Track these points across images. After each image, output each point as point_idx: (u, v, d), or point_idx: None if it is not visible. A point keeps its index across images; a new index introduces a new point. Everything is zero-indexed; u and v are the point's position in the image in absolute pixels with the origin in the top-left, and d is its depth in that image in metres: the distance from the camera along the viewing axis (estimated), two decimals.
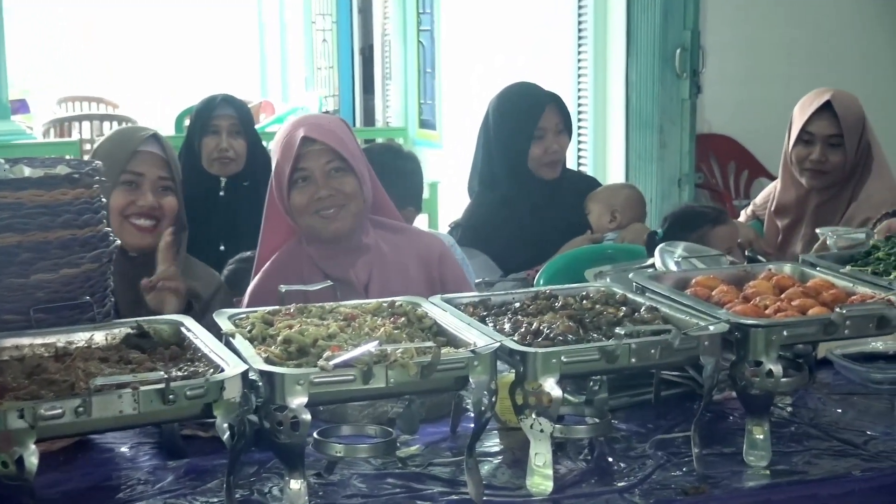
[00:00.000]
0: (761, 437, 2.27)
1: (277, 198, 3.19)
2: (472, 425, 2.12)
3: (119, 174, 3.28)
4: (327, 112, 11.37)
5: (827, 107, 4.02)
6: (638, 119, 7.18)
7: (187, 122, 5.07)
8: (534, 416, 2.09)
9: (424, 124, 10.63)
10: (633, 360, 2.13)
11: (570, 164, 7.19)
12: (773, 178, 4.35)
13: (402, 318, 2.31)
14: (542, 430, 2.09)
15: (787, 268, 2.69)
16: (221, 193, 4.67)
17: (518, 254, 4.24)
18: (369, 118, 12.25)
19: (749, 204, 4.61)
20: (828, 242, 2.88)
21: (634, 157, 7.25)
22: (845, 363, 2.79)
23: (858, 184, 4.03)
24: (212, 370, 2.01)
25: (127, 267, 3.15)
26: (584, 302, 2.46)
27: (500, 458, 2.35)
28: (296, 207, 3.16)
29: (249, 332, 2.22)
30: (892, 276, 2.56)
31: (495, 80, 5.44)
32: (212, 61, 16.30)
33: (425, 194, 9.13)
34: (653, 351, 2.14)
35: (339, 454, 2.17)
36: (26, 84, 15.74)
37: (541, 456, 2.11)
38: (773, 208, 4.21)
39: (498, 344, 2.10)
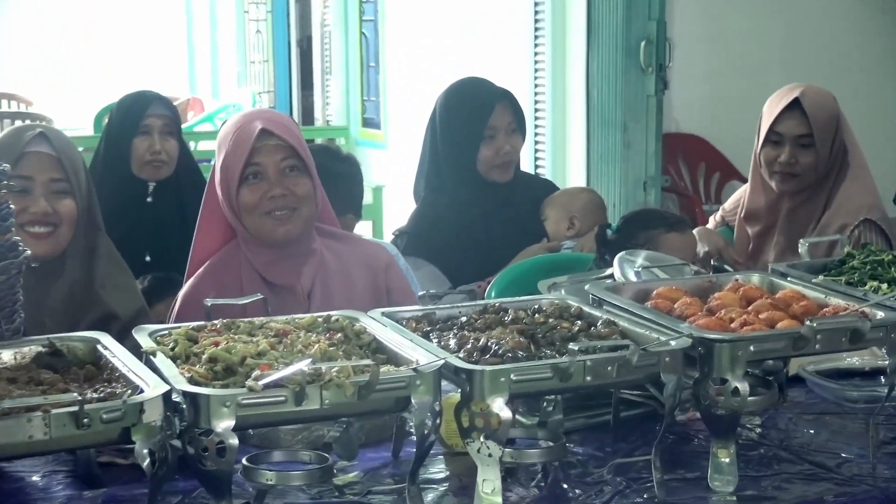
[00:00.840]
0: (727, 460, 2.29)
1: (223, 194, 3.20)
2: (415, 450, 2.14)
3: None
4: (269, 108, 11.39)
5: (796, 104, 4.06)
6: (600, 117, 7.22)
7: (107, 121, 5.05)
8: (481, 439, 2.10)
9: (368, 123, 10.65)
10: (589, 378, 2.15)
11: (527, 166, 7.23)
12: (745, 181, 4.39)
13: (339, 334, 2.32)
14: (490, 455, 2.10)
15: (756, 278, 2.72)
16: (149, 199, 4.66)
17: (468, 264, 4.25)
18: (308, 116, 12.25)
19: (718, 209, 4.65)
20: (800, 251, 2.92)
21: (596, 159, 7.29)
22: (818, 380, 2.83)
23: (834, 187, 4.08)
24: (130, 391, 2.01)
25: (31, 280, 3.13)
26: (537, 316, 2.48)
27: (445, 485, 2.37)
28: (245, 205, 3.18)
29: (172, 349, 2.23)
30: (867, 287, 2.60)
31: (444, 75, 5.46)
32: (134, 54, 16.21)
33: (368, 199, 9.18)
34: (610, 368, 2.16)
35: (270, 482, 2.18)
36: None
37: (489, 482, 2.12)
38: (742, 214, 4.25)
39: (442, 361, 2.12)
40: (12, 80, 15.00)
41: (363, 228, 9.05)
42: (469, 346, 2.26)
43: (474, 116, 4.35)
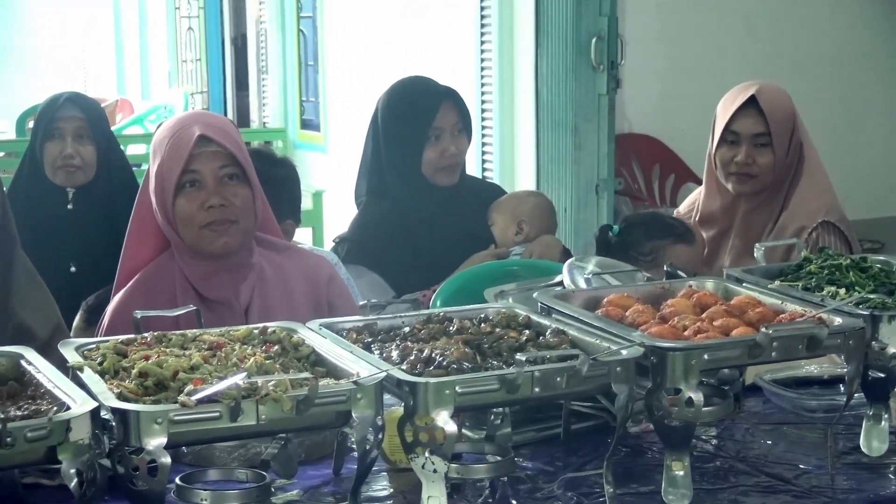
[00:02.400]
0: (681, 473, 2.32)
1: (158, 203, 3.19)
2: (357, 466, 2.15)
3: None
4: (204, 110, 11.35)
5: (752, 103, 4.09)
6: (549, 117, 7.26)
7: (31, 125, 5.02)
8: (426, 454, 2.11)
9: (307, 125, 10.65)
10: (538, 389, 2.16)
11: (474, 169, 7.27)
12: (701, 183, 4.43)
13: (276, 347, 2.33)
14: (435, 471, 2.11)
15: (710, 284, 2.75)
16: (69, 206, 4.64)
17: (412, 272, 4.26)
18: (243, 118, 12.23)
19: (673, 212, 4.69)
20: (756, 255, 2.95)
21: (546, 161, 7.33)
22: (775, 389, 2.86)
23: (790, 188, 4.12)
24: (56, 408, 2.01)
25: None
26: (483, 325, 2.49)
27: (389, 502, 2.38)
28: (181, 216, 3.16)
29: (100, 364, 2.23)
30: (824, 292, 2.63)
31: (387, 74, 5.48)
32: (59, 52, 16.11)
33: (308, 205, 9.20)
34: (559, 379, 2.17)
35: (204, 502, 2.18)
36: None
37: (434, 499, 2.13)
38: (697, 218, 4.29)
39: (384, 374, 2.13)
40: None
41: (303, 235, 9.05)
42: (412, 357, 2.27)
43: (418, 117, 4.35)
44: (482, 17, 7.87)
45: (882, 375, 2.46)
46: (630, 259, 3.68)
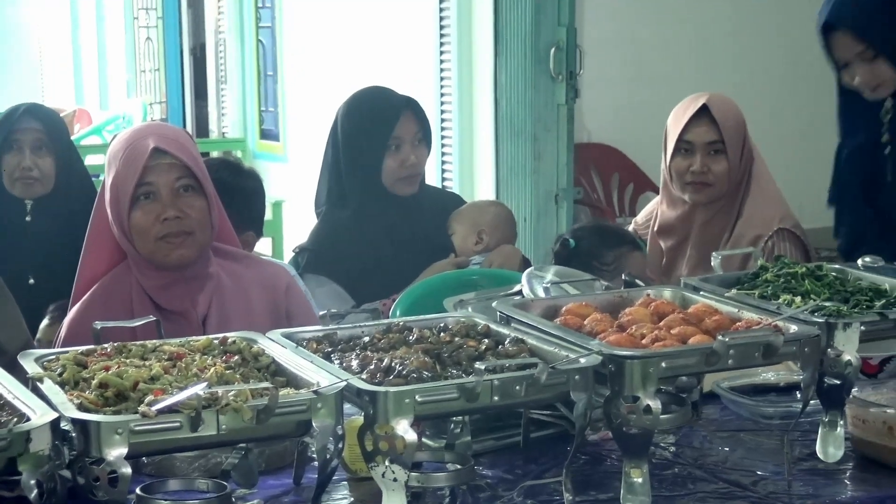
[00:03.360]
0: (640, 480, 2.33)
1: (114, 216, 3.19)
2: (317, 476, 2.16)
3: None
4: (162, 121, 11.32)
5: (704, 112, 4.14)
6: (509, 127, 7.27)
7: None
8: (386, 463, 2.12)
9: (266, 135, 10.63)
10: (497, 398, 2.18)
11: (433, 179, 7.27)
12: (658, 191, 4.46)
13: (236, 357, 2.34)
14: (395, 479, 2.12)
15: (667, 293, 2.77)
16: (28, 218, 4.62)
17: (372, 281, 4.27)
18: (202, 128, 12.21)
19: (631, 223, 4.72)
20: (712, 264, 2.98)
21: (505, 171, 7.34)
22: (733, 397, 2.89)
23: (744, 198, 4.16)
24: (16, 419, 2.01)
25: None
26: (442, 335, 2.51)
27: None
28: (137, 228, 3.16)
29: (60, 375, 2.23)
30: (780, 300, 2.66)
31: (346, 84, 5.48)
32: (17, 62, 16.03)
33: (268, 215, 9.15)
34: (518, 388, 2.19)
35: None
36: None
37: None
38: (655, 228, 4.32)
39: (344, 383, 2.14)
40: None
41: (262, 246, 9.04)
42: (372, 366, 2.28)
43: (378, 126, 4.37)
44: (441, 27, 7.89)
45: (837, 382, 2.48)
46: (592, 269, 3.70)
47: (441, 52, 7.92)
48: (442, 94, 7.91)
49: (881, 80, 4.01)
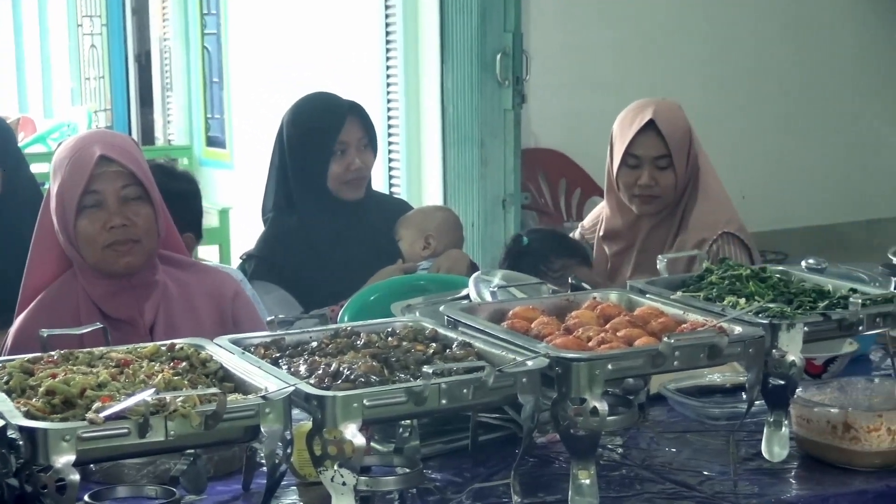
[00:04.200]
0: (587, 481, 2.35)
1: (60, 224, 3.19)
2: (266, 481, 2.17)
3: None
4: (107, 129, 11.25)
5: (650, 125, 4.15)
6: (456, 133, 7.29)
7: None
8: (335, 467, 2.13)
9: (212, 142, 10.61)
10: (444, 401, 2.19)
11: (381, 184, 7.29)
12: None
13: (184, 363, 2.34)
14: (344, 483, 2.13)
15: (614, 296, 2.79)
16: None
17: (319, 287, 4.27)
18: (148, 135, 12.17)
19: (578, 227, 4.74)
20: (658, 267, 3.00)
21: (453, 176, 7.35)
22: (679, 398, 2.92)
23: (689, 203, 4.18)
24: None
25: None
26: (390, 339, 2.52)
27: None
28: (83, 236, 3.16)
29: (6, 383, 2.23)
30: (725, 302, 2.69)
31: (293, 90, 5.48)
32: None
33: (214, 222, 9.17)
34: (465, 391, 2.20)
35: None
36: None
37: None
38: (601, 233, 4.35)
39: (292, 388, 2.15)
40: None
41: (210, 253, 9.03)
42: (320, 371, 2.29)
43: (323, 131, 4.37)
44: (387, 32, 7.89)
45: (782, 382, 2.50)
46: (538, 272, 3.73)
47: (387, 58, 7.92)
48: (389, 100, 7.92)
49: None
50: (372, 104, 6.31)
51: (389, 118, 7.89)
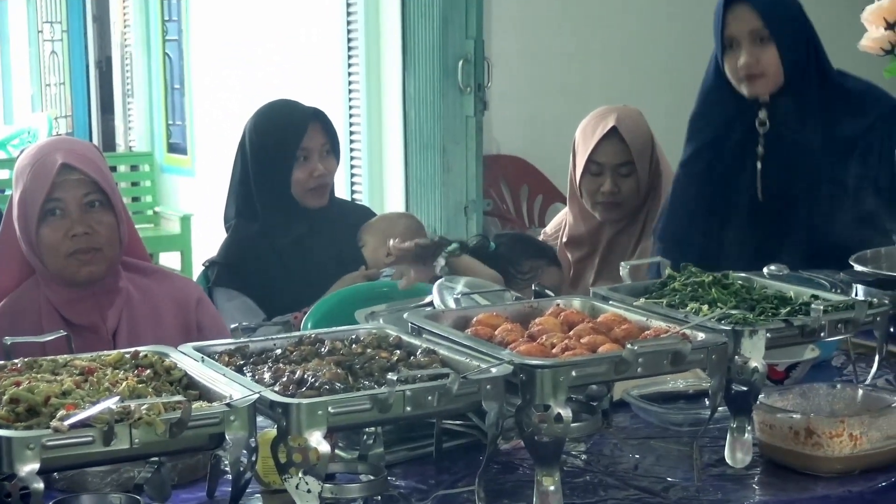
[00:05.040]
0: (552, 488, 2.35)
1: (22, 232, 3.18)
2: (230, 489, 2.16)
3: None
4: (68, 135, 11.22)
5: (613, 132, 4.17)
6: (418, 139, 7.30)
7: None
8: (300, 475, 2.13)
9: (174, 148, 10.60)
10: (409, 408, 2.19)
11: (343, 191, 7.29)
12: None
13: (148, 371, 2.33)
14: (309, 491, 2.13)
15: (577, 302, 2.80)
16: None
17: (283, 294, 4.27)
18: (109, 141, 12.14)
19: (540, 234, 4.76)
20: (621, 273, 3.01)
21: (415, 182, 7.37)
22: (643, 404, 2.92)
23: (651, 208, 4.21)
24: None
25: None
26: (354, 346, 2.52)
27: None
28: (45, 244, 3.16)
29: None
30: (688, 308, 2.70)
31: (255, 97, 5.49)
32: None
33: (176, 229, 9.13)
34: (430, 398, 2.20)
35: None
36: None
37: None
38: (564, 240, 4.36)
39: (257, 395, 2.14)
40: None
41: (171, 260, 9.02)
42: (285, 378, 2.28)
43: (286, 138, 4.38)
44: (349, 39, 7.90)
45: (744, 389, 2.51)
46: (508, 275, 3.74)
47: (349, 65, 7.93)
48: (350, 107, 7.93)
49: (763, 70, 3.85)
50: (334, 110, 6.32)
51: (351, 125, 7.90)
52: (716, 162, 3.91)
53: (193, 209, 9.47)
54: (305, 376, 2.28)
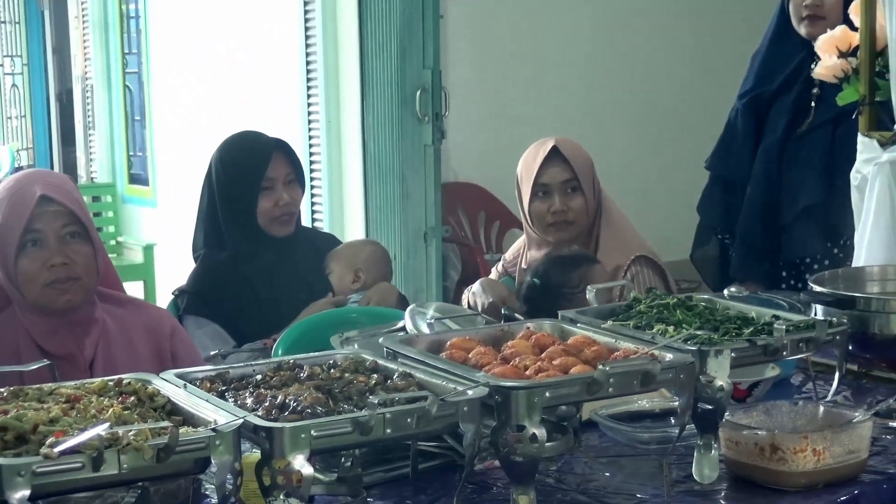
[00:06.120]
0: None
1: (0, 262, 3.17)
2: None
3: None
4: (29, 168, 11.17)
5: (555, 153, 4.24)
6: (377, 168, 7.31)
7: None
8: (282, 497, 2.14)
9: (135, 179, 10.56)
10: (389, 430, 2.20)
11: (304, 219, 7.28)
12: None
13: (132, 398, 2.34)
14: None
15: (547, 325, 2.82)
16: None
17: (251, 321, 4.28)
18: (71, 173, 12.07)
19: (500, 259, 4.79)
20: (587, 297, 3.04)
21: (375, 210, 7.38)
22: (611, 424, 2.95)
23: (599, 230, 4.27)
24: None
25: None
26: (332, 371, 2.53)
27: None
28: (24, 274, 3.16)
29: None
30: (654, 330, 2.73)
31: (216, 129, 5.48)
32: None
33: (139, 258, 9.08)
34: (409, 420, 2.22)
35: None
36: None
37: None
38: (523, 265, 4.40)
39: (241, 420, 2.15)
40: None
41: (135, 289, 8.98)
42: (267, 403, 2.29)
43: (251, 168, 4.39)
44: (308, 70, 7.91)
45: (710, 407, 2.54)
46: (562, 296, 3.77)
47: (309, 95, 7.94)
48: (310, 136, 7.94)
49: (825, 13, 4.19)
50: (294, 140, 6.31)
51: (311, 154, 7.90)
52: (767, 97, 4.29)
53: (156, 239, 9.45)
54: (287, 401, 2.29)
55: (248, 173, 4.40)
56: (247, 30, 8.71)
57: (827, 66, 3.65)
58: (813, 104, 4.08)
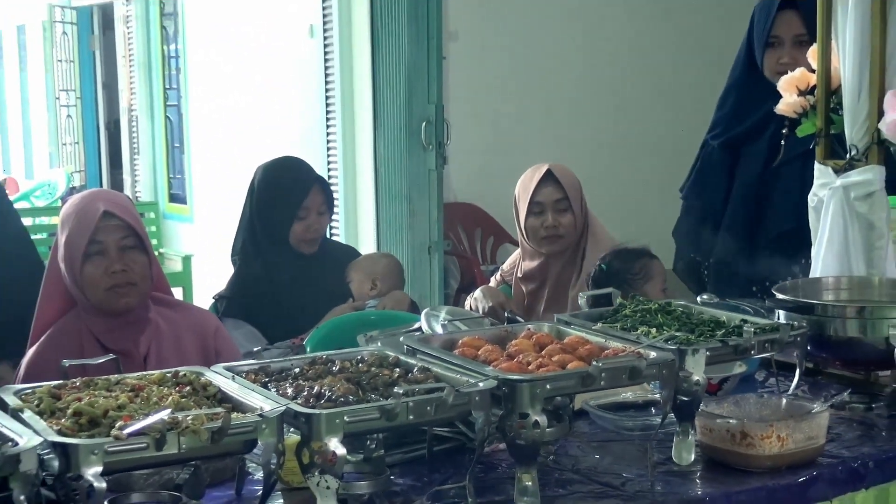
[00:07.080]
0: (530, 483, 2.38)
1: (67, 269, 3.20)
2: (258, 487, 2.19)
3: None
4: (83, 188, 11.19)
5: (549, 176, 4.28)
6: (387, 190, 7.33)
7: None
8: (319, 474, 2.15)
9: (175, 198, 10.58)
10: (412, 417, 2.22)
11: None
12: (516, 243, 4.57)
13: (188, 387, 2.35)
14: (328, 487, 2.16)
15: (546, 327, 2.84)
16: None
17: (281, 323, 4.31)
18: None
19: (497, 269, 4.81)
20: (579, 302, 3.06)
21: (385, 227, 7.39)
22: (600, 413, 2.96)
23: (586, 244, 4.30)
24: (10, 444, 2.01)
25: None
26: (360, 365, 2.54)
27: None
28: (88, 279, 3.18)
29: (37, 406, 2.23)
30: (639, 331, 2.74)
31: (247, 155, 5.50)
32: None
33: (178, 267, 9.07)
34: (429, 408, 2.23)
35: None
36: None
37: None
38: (519, 275, 4.43)
39: (284, 407, 2.17)
40: None
41: (175, 295, 8.99)
42: (305, 393, 2.31)
43: (291, 197, 4.45)
44: (327, 104, 7.96)
45: (688, 399, 2.55)
46: (626, 281, 3.86)
47: (328, 126, 7.97)
48: (329, 162, 7.96)
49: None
50: (315, 165, 6.33)
51: (329, 177, 7.91)
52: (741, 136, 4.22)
53: (193, 250, 9.45)
54: (323, 391, 2.31)
55: (287, 200, 4.46)
56: (273, 69, 8.74)
57: (788, 102, 3.66)
58: (783, 142, 4.06)
